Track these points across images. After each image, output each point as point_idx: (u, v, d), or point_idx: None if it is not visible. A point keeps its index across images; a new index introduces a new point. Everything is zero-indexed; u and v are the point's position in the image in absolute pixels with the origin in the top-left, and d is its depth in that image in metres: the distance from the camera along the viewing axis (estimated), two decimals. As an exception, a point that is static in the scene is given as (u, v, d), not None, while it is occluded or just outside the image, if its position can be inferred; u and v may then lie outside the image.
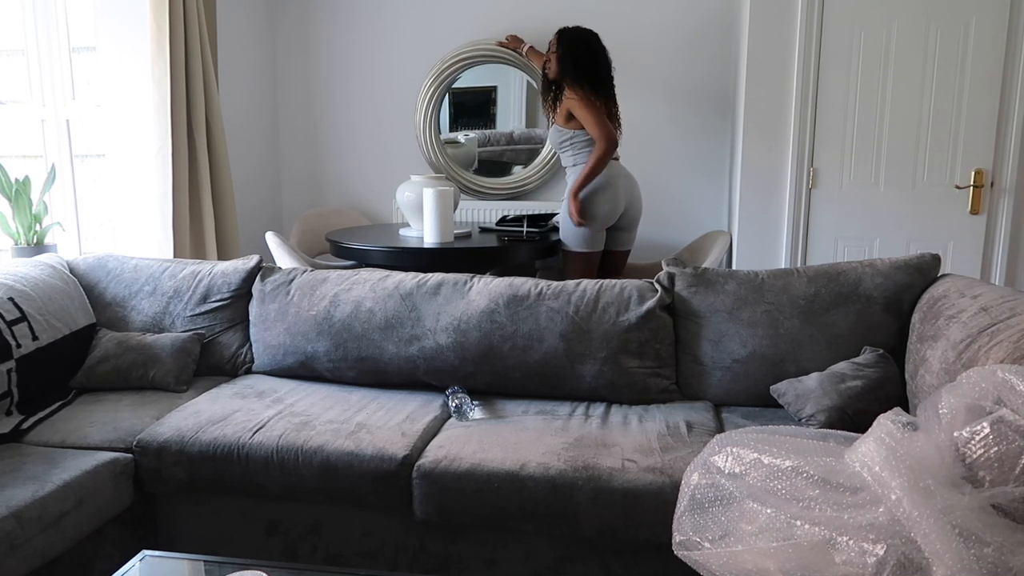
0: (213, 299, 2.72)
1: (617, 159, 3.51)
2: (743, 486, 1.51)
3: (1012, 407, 1.37)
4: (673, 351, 2.45)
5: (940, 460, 1.35)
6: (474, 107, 4.35)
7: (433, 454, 2.06)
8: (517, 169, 4.35)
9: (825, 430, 1.72)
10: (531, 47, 4.01)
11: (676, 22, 4.06)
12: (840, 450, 1.53)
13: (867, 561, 1.27)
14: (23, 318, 2.43)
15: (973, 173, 3.46)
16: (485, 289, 2.52)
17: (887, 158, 3.52)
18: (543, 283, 2.52)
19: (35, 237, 3.18)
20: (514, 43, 4.11)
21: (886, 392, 2.15)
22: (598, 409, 2.35)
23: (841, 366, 2.23)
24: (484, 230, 3.89)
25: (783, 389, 2.26)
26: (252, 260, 2.78)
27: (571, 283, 2.51)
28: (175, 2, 3.26)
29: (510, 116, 4.30)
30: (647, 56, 4.09)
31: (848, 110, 3.51)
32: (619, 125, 3.52)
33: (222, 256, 3.65)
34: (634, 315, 2.41)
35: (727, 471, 1.56)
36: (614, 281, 2.51)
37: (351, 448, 2.08)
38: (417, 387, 2.54)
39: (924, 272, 2.35)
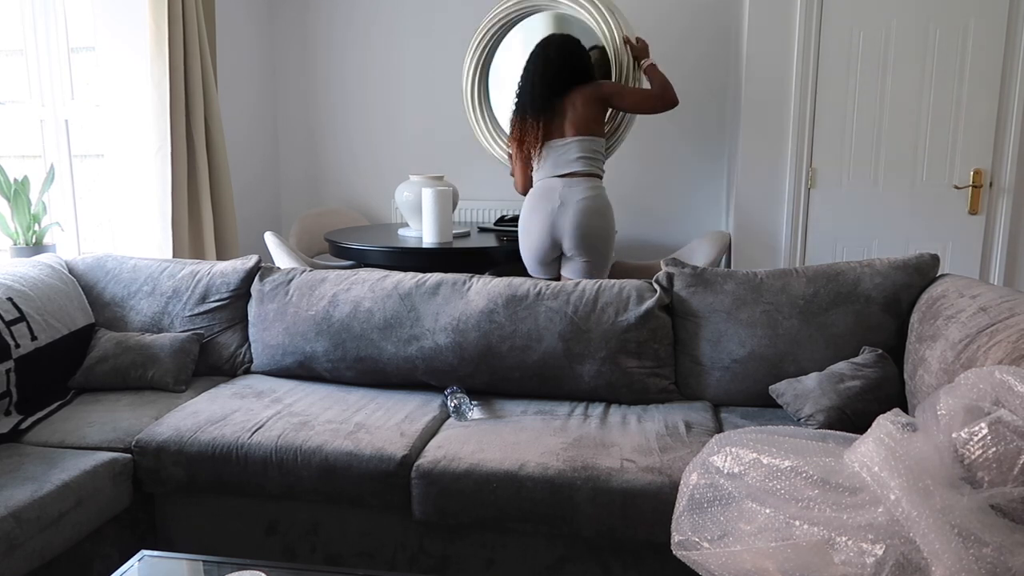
0: (212, 299, 2.72)
1: (571, 175, 3.10)
2: (742, 486, 1.51)
3: (1010, 408, 1.37)
4: (672, 351, 2.45)
5: (939, 461, 1.35)
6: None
7: (432, 454, 2.06)
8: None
9: (824, 430, 1.73)
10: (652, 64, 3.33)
11: (675, 21, 4.06)
12: (839, 450, 1.53)
13: (866, 561, 1.27)
14: (22, 318, 2.43)
15: (972, 173, 3.46)
16: (484, 289, 2.52)
17: (886, 158, 3.52)
18: (542, 283, 2.52)
19: (34, 237, 3.18)
20: (642, 51, 3.40)
21: (885, 392, 2.16)
22: (597, 409, 2.35)
23: (840, 366, 2.23)
24: (483, 230, 3.89)
25: (782, 389, 2.26)
26: (251, 260, 2.78)
27: (570, 283, 2.51)
28: (174, 2, 3.26)
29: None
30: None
31: (847, 110, 3.51)
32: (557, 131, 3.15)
33: (221, 256, 3.65)
34: (633, 315, 2.41)
35: (726, 471, 1.56)
36: (613, 281, 2.51)
37: (350, 448, 2.08)
38: (416, 387, 2.54)
39: (923, 272, 2.35)
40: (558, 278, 3.24)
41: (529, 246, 3.20)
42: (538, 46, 3.22)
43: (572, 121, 3.11)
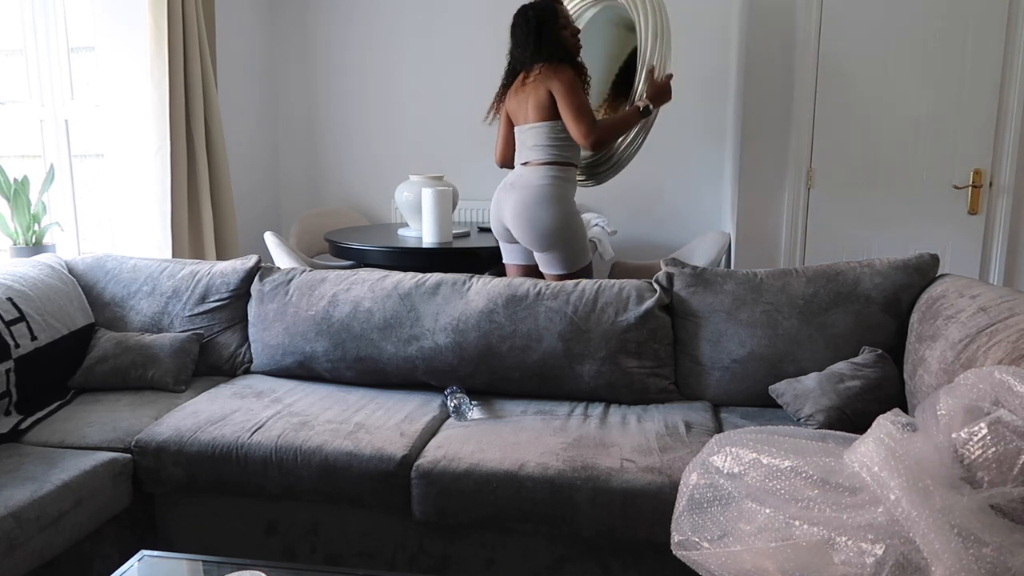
0: (212, 299, 2.72)
1: (527, 164, 3.01)
2: (742, 486, 1.51)
3: (1010, 408, 1.37)
4: (672, 351, 2.45)
5: (939, 461, 1.35)
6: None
7: (432, 454, 2.06)
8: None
9: (824, 430, 1.73)
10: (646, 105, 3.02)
11: (674, 20, 4.06)
12: (839, 450, 1.53)
13: (866, 561, 1.27)
14: (22, 318, 2.43)
15: (971, 173, 3.46)
16: (484, 289, 2.52)
17: (886, 158, 3.52)
18: (541, 283, 2.52)
19: (34, 237, 3.18)
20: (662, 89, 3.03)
21: (885, 392, 2.16)
22: (597, 409, 2.35)
23: (840, 366, 2.23)
24: (483, 230, 3.89)
25: (782, 389, 2.26)
26: (251, 260, 2.78)
27: (569, 283, 2.51)
28: (174, 2, 3.26)
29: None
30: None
31: (847, 110, 3.51)
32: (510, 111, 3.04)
33: (221, 256, 3.65)
34: (633, 315, 2.41)
35: (726, 471, 1.56)
36: (613, 281, 2.51)
37: (350, 448, 2.08)
38: (416, 387, 2.54)
39: (923, 272, 2.35)
40: (511, 266, 3.20)
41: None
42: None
43: (531, 104, 2.96)
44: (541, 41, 2.95)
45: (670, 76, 3.06)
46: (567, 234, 2.96)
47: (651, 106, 3.01)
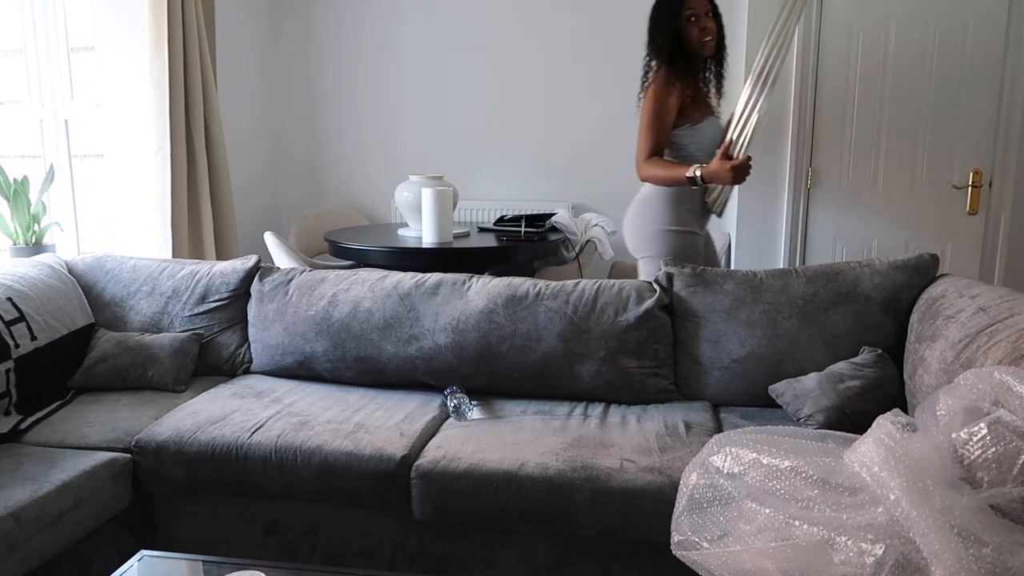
0: (211, 299, 2.72)
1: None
2: (742, 486, 1.51)
3: (1009, 408, 1.37)
4: (671, 351, 2.45)
5: (939, 461, 1.35)
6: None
7: (431, 454, 2.06)
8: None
9: (824, 430, 1.73)
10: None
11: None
12: (839, 450, 1.53)
13: (866, 561, 1.27)
14: (21, 318, 2.43)
15: (971, 173, 3.46)
16: (483, 289, 2.52)
17: (885, 158, 3.52)
18: (541, 283, 2.52)
19: (33, 237, 3.17)
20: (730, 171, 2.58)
21: (884, 392, 2.16)
22: (596, 409, 2.35)
23: (839, 366, 2.23)
24: (483, 230, 3.89)
25: (781, 389, 2.26)
26: (251, 260, 2.78)
27: (569, 283, 2.51)
28: (174, 2, 3.26)
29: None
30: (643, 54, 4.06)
31: (847, 110, 3.51)
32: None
33: (220, 256, 3.65)
34: (632, 315, 2.41)
35: (726, 471, 1.56)
36: (612, 281, 2.51)
37: (349, 448, 2.08)
38: (415, 387, 2.54)
39: (922, 272, 2.35)
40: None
41: None
42: None
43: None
44: (652, 39, 2.77)
45: (748, 159, 2.57)
46: (653, 247, 2.78)
47: (700, 179, 2.60)
